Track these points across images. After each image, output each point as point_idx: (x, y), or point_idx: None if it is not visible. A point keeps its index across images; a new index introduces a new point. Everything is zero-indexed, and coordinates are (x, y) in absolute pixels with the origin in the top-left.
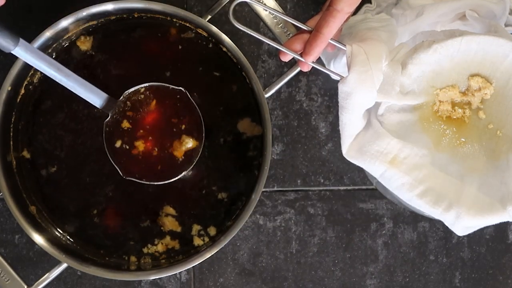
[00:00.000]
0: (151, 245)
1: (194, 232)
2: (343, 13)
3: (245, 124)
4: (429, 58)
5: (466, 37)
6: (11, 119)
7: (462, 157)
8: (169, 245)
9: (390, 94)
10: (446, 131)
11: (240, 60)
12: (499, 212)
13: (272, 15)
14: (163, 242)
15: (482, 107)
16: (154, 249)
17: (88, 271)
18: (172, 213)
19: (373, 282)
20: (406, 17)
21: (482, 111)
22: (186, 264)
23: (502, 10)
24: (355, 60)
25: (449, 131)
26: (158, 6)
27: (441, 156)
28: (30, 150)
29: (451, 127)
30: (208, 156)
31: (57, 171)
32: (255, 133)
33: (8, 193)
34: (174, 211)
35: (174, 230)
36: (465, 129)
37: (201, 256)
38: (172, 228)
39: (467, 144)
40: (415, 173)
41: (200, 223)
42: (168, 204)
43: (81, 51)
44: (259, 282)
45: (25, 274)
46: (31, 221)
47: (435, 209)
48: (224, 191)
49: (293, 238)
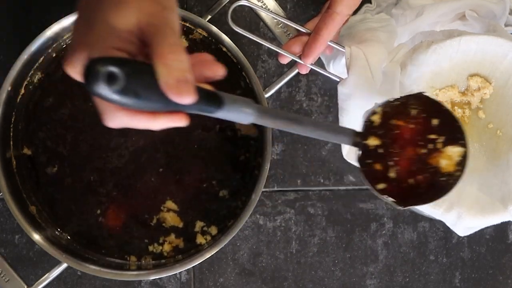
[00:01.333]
0: (158, 245)
1: (198, 228)
2: (342, 16)
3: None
4: (428, 58)
5: (465, 37)
6: (11, 119)
7: None
8: (173, 243)
9: (390, 95)
10: None
11: (240, 60)
12: (500, 211)
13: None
14: (167, 239)
15: (481, 107)
16: (160, 249)
17: (88, 271)
18: (174, 208)
19: (373, 282)
20: (406, 17)
21: (482, 110)
22: (186, 264)
23: (502, 10)
24: (354, 62)
25: None
26: None
27: None
28: (30, 150)
29: None
30: (208, 153)
31: (57, 171)
32: (250, 133)
33: (8, 193)
34: (176, 207)
35: (176, 226)
36: (465, 129)
37: (201, 256)
38: (174, 224)
39: None
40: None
41: (203, 220)
42: (170, 199)
43: None
44: (259, 282)
45: (25, 274)
46: (31, 221)
47: (436, 209)
48: (225, 188)
49: (293, 238)
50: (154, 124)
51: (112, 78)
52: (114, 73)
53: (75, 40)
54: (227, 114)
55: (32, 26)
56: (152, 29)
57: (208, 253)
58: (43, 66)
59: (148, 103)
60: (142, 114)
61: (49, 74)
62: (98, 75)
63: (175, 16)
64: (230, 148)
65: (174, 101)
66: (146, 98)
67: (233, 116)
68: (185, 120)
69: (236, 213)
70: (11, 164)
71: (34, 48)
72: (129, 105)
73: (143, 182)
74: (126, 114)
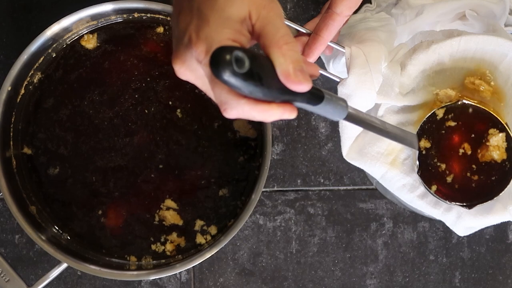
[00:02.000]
0: (160, 244)
1: (198, 227)
2: (343, 16)
3: (240, 123)
4: (428, 58)
5: (464, 37)
6: (11, 119)
7: None
8: (175, 242)
9: (390, 95)
10: None
11: None
12: (500, 211)
13: None
14: (169, 238)
15: None
16: (163, 248)
17: (88, 271)
18: (174, 207)
19: (373, 282)
20: (406, 17)
21: None
22: (186, 264)
23: (502, 10)
24: (354, 62)
25: None
26: (158, 6)
27: None
28: (30, 150)
29: None
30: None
31: (58, 171)
32: (249, 135)
33: (8, 193)
34: (175, 205)
35: (176, 224)
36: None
37: (201, 256)
38: (174, 222)
39: None
40: (415, 174)
41: (203, 219)
42: (169, 198)
43: (82, 50)
44: (259, 282)
45: (25, 274)
46: (31, 221)
47: (436, 209)
48: (224, 187)
49: (293, 238)
50: (270, 114)
51: (239, 64)
52: (241, 59)
53: (189, 35)
54: (325, 107)
55: (32, 26)
56: (264, 21)
57: (208, 253)
58: (43, 66)
59: (268, 90)
60: (262, 103)
61: (49, 75)
62: (226, 61)
63: (280, 8)
64: (230, 148)
65: (292, 88)
66: (267, 85)
67: (329, 110)
68: (295, 112)
69: (236, 213)
70: (11, 164)
71: (34, 48)
72: (252, 92)
73: (143, 180)
74: (248, 103)
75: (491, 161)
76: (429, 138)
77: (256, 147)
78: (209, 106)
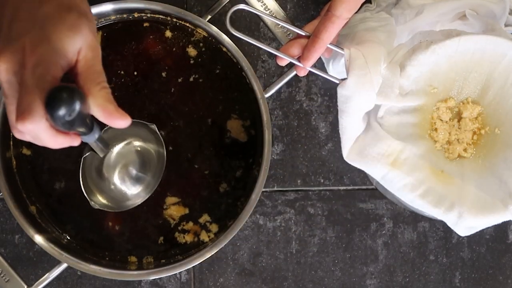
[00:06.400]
0: (179, 233)
1: (203, 220)
2: (342, 19)
3: (233, 124)
4: (427, 59)
5: (463, 37)
6: None
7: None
8: (192, 230)
9: (390, 96)
10: None
11: (240, 60)
12: (500, 211)
13: (273, 15)
14: (185, 227)
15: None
16: (183, 239)
17: (88, 271)
18: (175, 201)
19: (373, 282)
20: (406, 16)
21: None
22: (186, 264)
23: (502, 10)
24: (354, 63)
25: None
26: (158, 6)
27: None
28: (30, 150)
29: None
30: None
31: (58, 171)
32: (239, 138)
33: (8, 193)
34: (176, 199)
35: (183, 215)
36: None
37: (201, 256)
38: (181, 213)
39: None
40: (416, 174)
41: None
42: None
43: None
44: (259, 282)
45: (25, 274)
46: (31, 221)
47: (437, 209)
48: (224, 187)
49: (293, 238)
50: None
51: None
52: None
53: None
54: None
55: None
56: (89, 63)
57: (208, 253)
58: None
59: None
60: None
61: None
62: (66, 104)
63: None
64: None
65: (113, 124)
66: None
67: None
68: (79, 140)
69: (236, 212)
70: (11, 164)
71: None
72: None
73: None
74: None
75: None
76: None
77: (255, 148)
78: (208, 105)
